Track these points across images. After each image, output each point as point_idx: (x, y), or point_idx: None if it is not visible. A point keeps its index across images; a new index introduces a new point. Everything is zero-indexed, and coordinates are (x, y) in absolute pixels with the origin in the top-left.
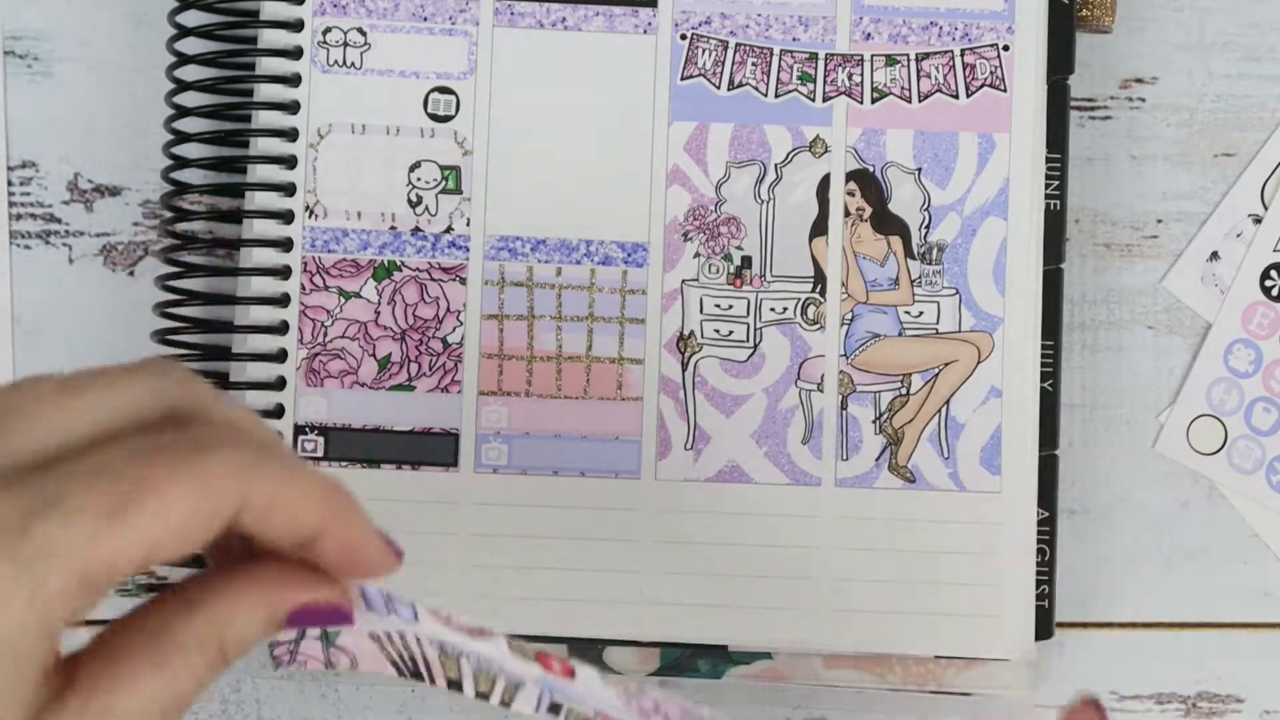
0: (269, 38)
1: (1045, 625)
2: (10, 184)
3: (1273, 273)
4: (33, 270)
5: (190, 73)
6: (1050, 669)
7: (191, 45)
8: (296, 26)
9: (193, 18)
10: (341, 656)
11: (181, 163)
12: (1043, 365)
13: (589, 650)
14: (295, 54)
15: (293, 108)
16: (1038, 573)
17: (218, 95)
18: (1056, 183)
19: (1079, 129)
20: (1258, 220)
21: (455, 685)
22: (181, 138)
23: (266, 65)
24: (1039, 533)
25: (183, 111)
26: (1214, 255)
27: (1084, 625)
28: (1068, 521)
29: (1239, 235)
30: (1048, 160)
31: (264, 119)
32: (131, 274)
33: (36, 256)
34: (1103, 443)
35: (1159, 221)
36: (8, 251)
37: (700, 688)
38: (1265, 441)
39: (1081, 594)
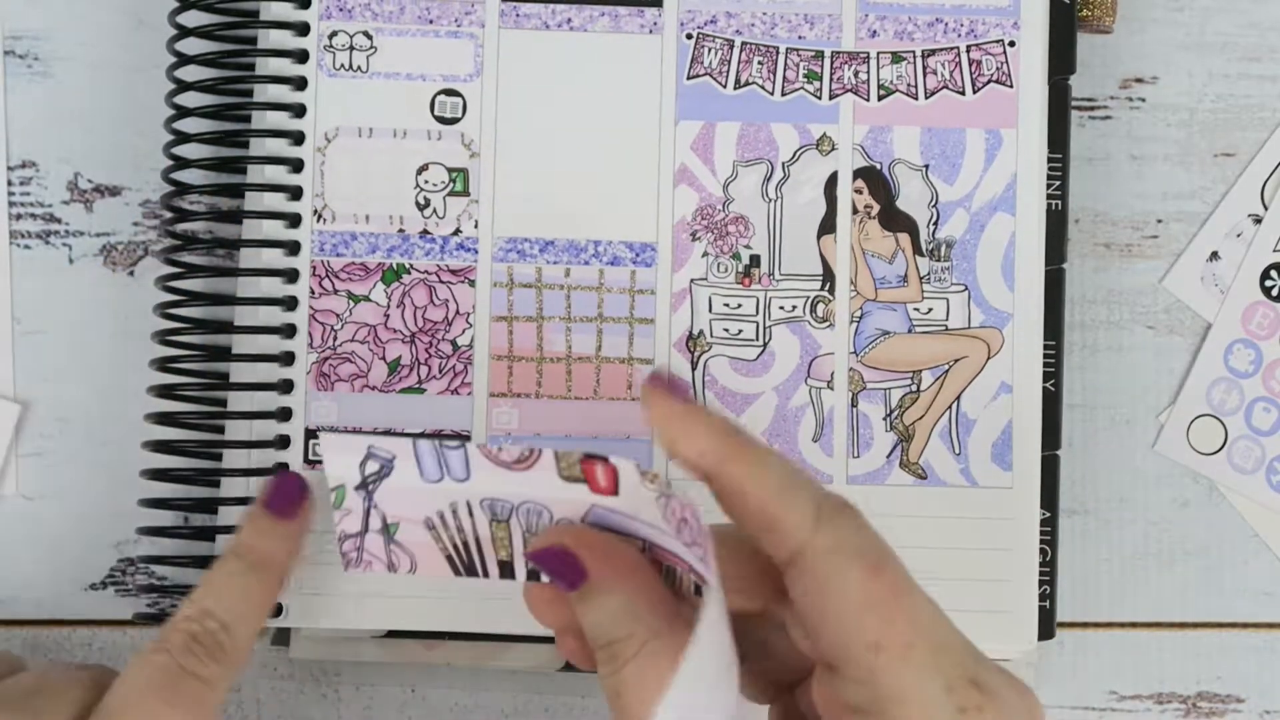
0: (273, 39)
1: (1046, 625)
2: (10, 184)
3: (1273, 273)
4: (33, 270)
5: (190, 73)
6: (1050, 669)
7: (192, 45)
8: (302, 30)
9: (193, 18)
10: (402, 556)
11: (182, 163)
12: (1045, 365)
13: None
14: (300, 57)
15: (296, 109)
16: (1039, 572)
17: (218, 96)
18: (1058, 183)
19: (1079, 129)
20: (1258, 220)
21: (507, 569)
22: (182, 138)
23: (268, 66)
24: (1040, 532)
25: (183, 112)
26: (1214, 255)
27: (1084, 625)
28: (1068, 521)
29: (1239, 235)
30: (1049, 160)
31: (267, 120)
32: (131, 274)
33: (36, 256)
34: (1103, 443)
35: (1159, 221)
36: (8, 251)
37: None
38: (1265, 441)
39: (1081, 594)
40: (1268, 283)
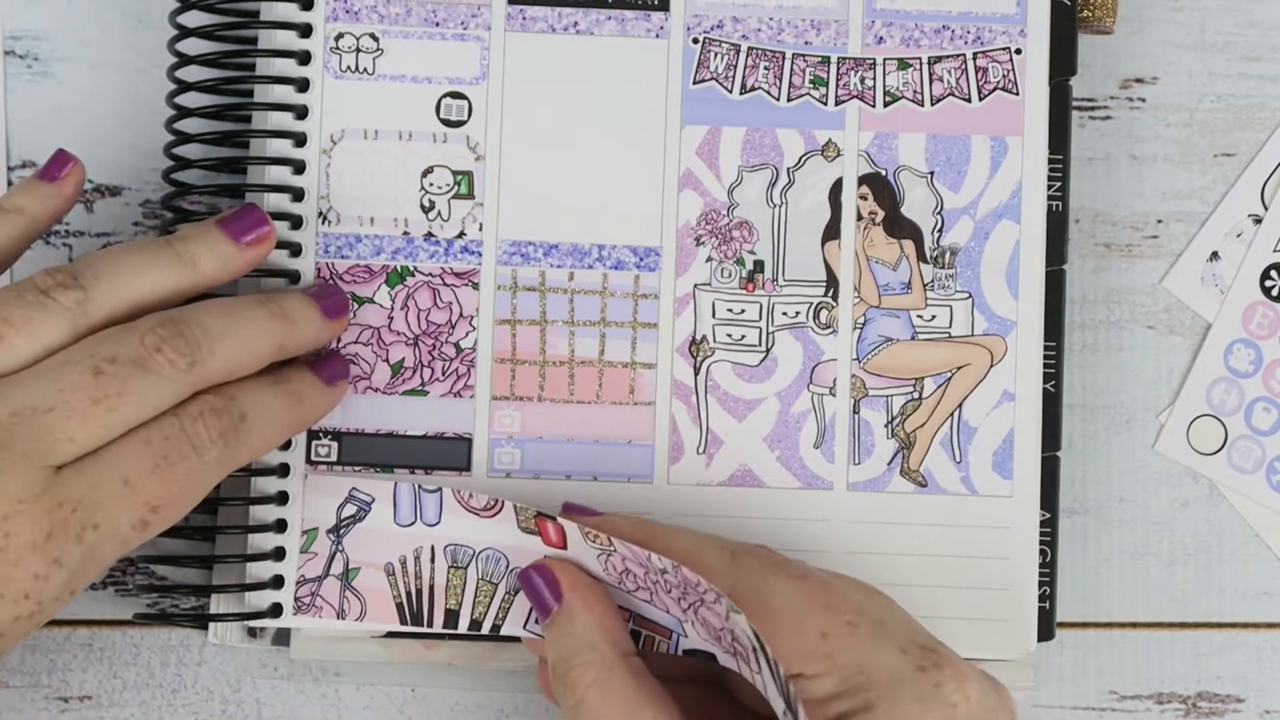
0: (276, 40)
1: (1046, 626)
2: (10, 184)
3: (1273, 273)
4: (33, 270)
5: (191, 73)
6: (1050, 669)
7: (193, 46)
8: (305, 31)
9: (194, 18)
10: (354, 602)
11: (182, 163)
12: (1045, 366)
13: None
14: (303, 58)
15: (299, 111)
16: (1039, 574)
17: (219, 96)
18: (1058, 184)
19: (1079, 129)
20: (1258, 220)
21: (452, 618)
22: (182, 138)
23: (271, 67)
24: (1040, 533)
25: (184, 112)
26: (1214, 255)
27: (1084, 625)
28: (1068, 521)
29: (1239, 235)
30: (1050, 162)
31: (268, 121)
32: None
33: (37, 256)
34: (1103, 443)
35: (1159, 221)
36: None
37: None
38: (1265, 441)
39: (1081, 594)
40: (1268, 283)
